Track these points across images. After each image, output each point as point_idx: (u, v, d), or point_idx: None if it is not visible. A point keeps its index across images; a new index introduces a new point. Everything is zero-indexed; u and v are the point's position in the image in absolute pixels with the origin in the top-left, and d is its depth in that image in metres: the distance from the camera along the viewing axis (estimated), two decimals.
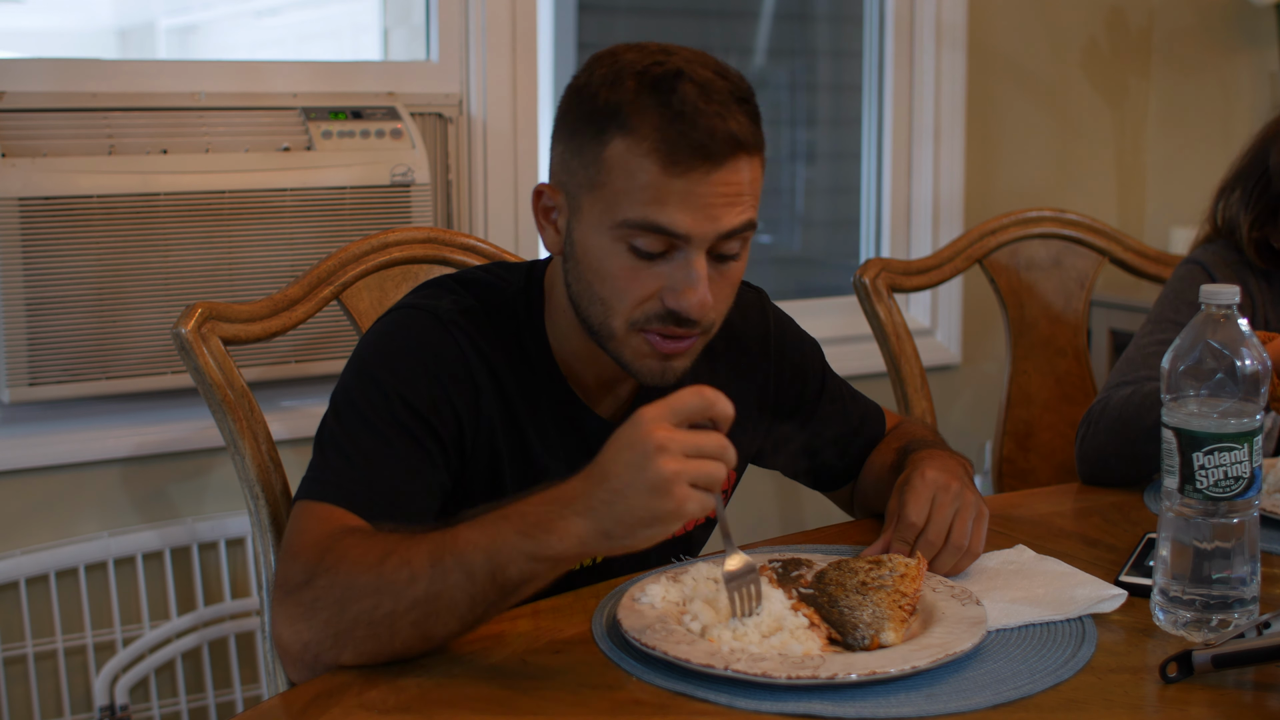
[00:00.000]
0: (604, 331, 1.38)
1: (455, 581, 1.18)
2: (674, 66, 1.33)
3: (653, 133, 1.30)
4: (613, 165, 1.32)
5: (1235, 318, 1.29)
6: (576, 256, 1.38)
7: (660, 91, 1.31)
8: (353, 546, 1.24)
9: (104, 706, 2.38)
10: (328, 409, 1.40)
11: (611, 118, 1.32)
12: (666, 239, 1.32)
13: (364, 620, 1.20)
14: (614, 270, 1.35)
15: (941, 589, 1.34)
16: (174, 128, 2.36)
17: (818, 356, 1.68)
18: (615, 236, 1.34)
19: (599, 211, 1.34)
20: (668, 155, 1.30)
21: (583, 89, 1.36)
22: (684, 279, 1.33)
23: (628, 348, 1.38)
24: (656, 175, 1.30)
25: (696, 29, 3.38)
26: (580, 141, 1.35)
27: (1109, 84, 3.50)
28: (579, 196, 1.36)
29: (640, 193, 1.31)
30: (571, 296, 1.40)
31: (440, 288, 1.47)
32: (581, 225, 1.36)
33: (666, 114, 1.30)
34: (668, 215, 1.31)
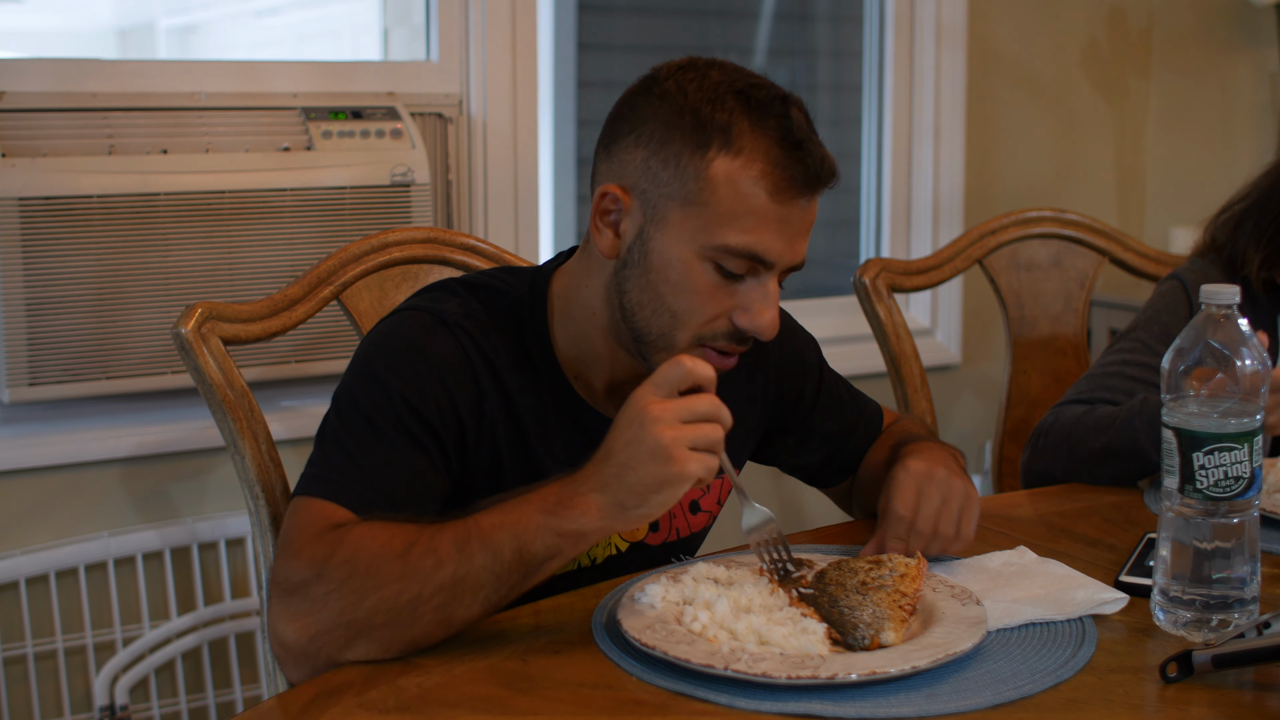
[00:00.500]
0: (662, 342, 1.38)
1: (481, 563, 1.21)
2: (777, 91, 1.36)
3: (764, 155, 1.32)
4: (717, 184, 1.33)
5: (1235, 318, 1.30)
6: (648, 265, 1.37)
7: (772, 116, 1.34)
8: (368, 536, 1.24)
9: (104, 706, 2.38)
10: (330, 407, 1.40)
11: (718, 134, 1.33)
12: (753, 263, 1.35)
13: (384, 608, 1.21)
14: (696, 286, 1.35)
15: (941, 589, 1.34)
16: (174, 128, 2.36)
17: (816, 354, 1.69)
18: (706, 255, 1.34)
19: (694, 228, 1.34)
20: (781, 180, 1.32)
21: (673, 97, 1.35)
22: (760, 300, 1.36)
23: None
24: (765, 201, 1.32)
25: (696, 29, 3.38)
26: (674, 151, 1.34)
27: (1109, 84, 3.50)
28: (665, 207, 1.35)
29: (746, 218, 1.33)
30: (626, 303, 1.39)
31: (445, 290, 1.47)
32: (665, 236, 1.35)
33: (784, 141, 1.33)
34: (765, 243, 1.33)
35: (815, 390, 1.67)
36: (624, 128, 1.38)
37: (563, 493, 1.23)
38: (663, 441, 1.19)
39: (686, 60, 1.39)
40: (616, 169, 1.38)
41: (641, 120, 1.37)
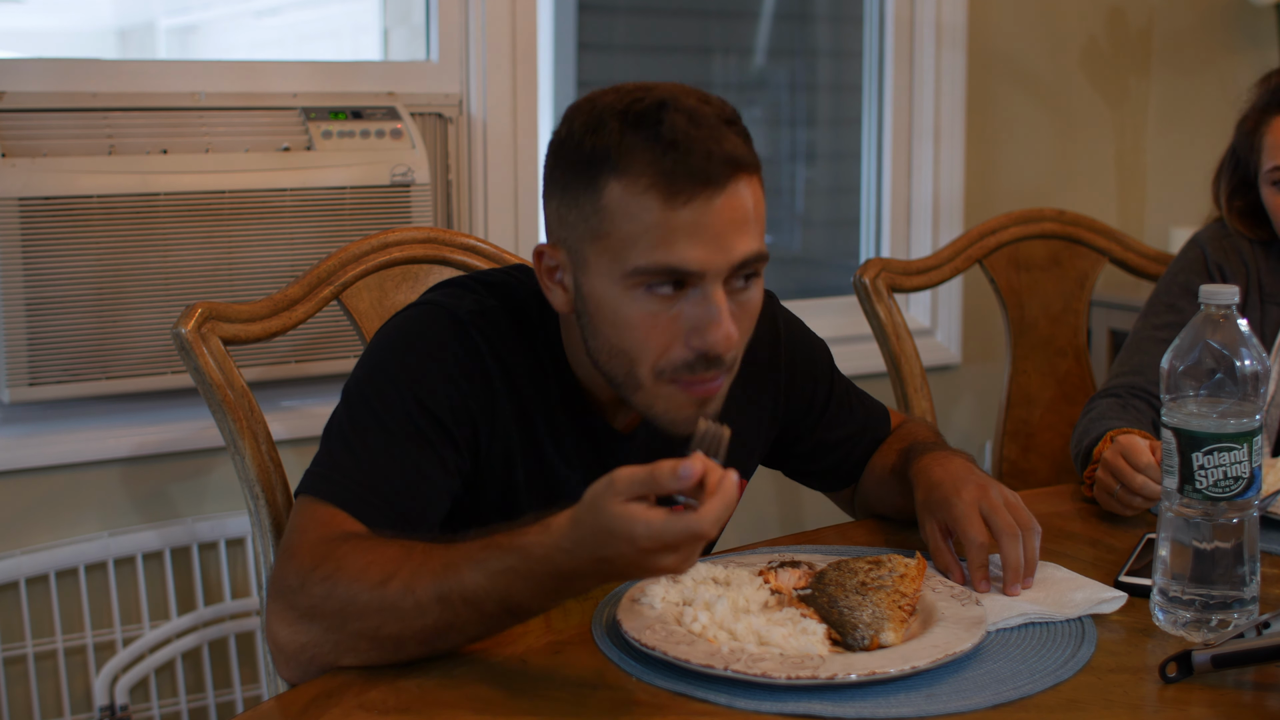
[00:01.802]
0: (630, 384, 1.34)
1: (466, 616, 1.19)
2: (656, 99, 1.29)
3: (648, 168, 1.26)
4: (613, 211, 1.28)
5: (1235, 318, 1.30)
6: (589, 311, 1.33)
7: (647, 125, 1.27)
8: (349, 558, 1.23)
9: (104, 706, 2.38)
10: (339, 402, 1.39)
11: (602, 162, 1.28)
12: (681, 279, 1.28)
13: (367, 636, 1.21)
14: (632, 319, 1.30)
15: (941, 589, 1.34)
16: (174, 128, 2.36)
17: (826, 359, 1.68)
18: (628, 285, 1.29)
19: (606, 262, 1.30)
20: (667, 187, 1.26)
21: (565, 141, 1.33)
22: (705, 315, 1.29)
23: (659, 400, 1.33)
24: (659, 212, 1.26)
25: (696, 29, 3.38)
26: (574, 194, 1.31)
27: (1109, 84, 3.50)
28: (582, 250, 1.32)
29: (646, 235, 1.27)
30: (590, 353, 1.36)
31: (461, 287, 1.45)
32: (590, 279, 1.32)
33: (658, 146, 1.26)
34: (678, 253, 1.27)
35: (826, 397, 1.66)
36: (545, 185, 1.37)
37: (554, 579, 1.16)
38: (666, 566, 1.14)
39: (587, 95, 1.35)
40: (548, 226, 1.37)
41: (549, 172, 1.35)
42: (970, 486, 1.43)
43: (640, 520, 1.10)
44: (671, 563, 1.13)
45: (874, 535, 1.60)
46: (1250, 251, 2.00)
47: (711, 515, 1.11)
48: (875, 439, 1.70)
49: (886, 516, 1.64)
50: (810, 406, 1.65)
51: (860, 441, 1.69)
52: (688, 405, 1.33)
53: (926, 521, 1.46)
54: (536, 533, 1.17)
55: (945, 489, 1.44)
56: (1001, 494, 1.43)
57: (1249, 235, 2.00)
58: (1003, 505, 1.41)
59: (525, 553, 1.16)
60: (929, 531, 1.45)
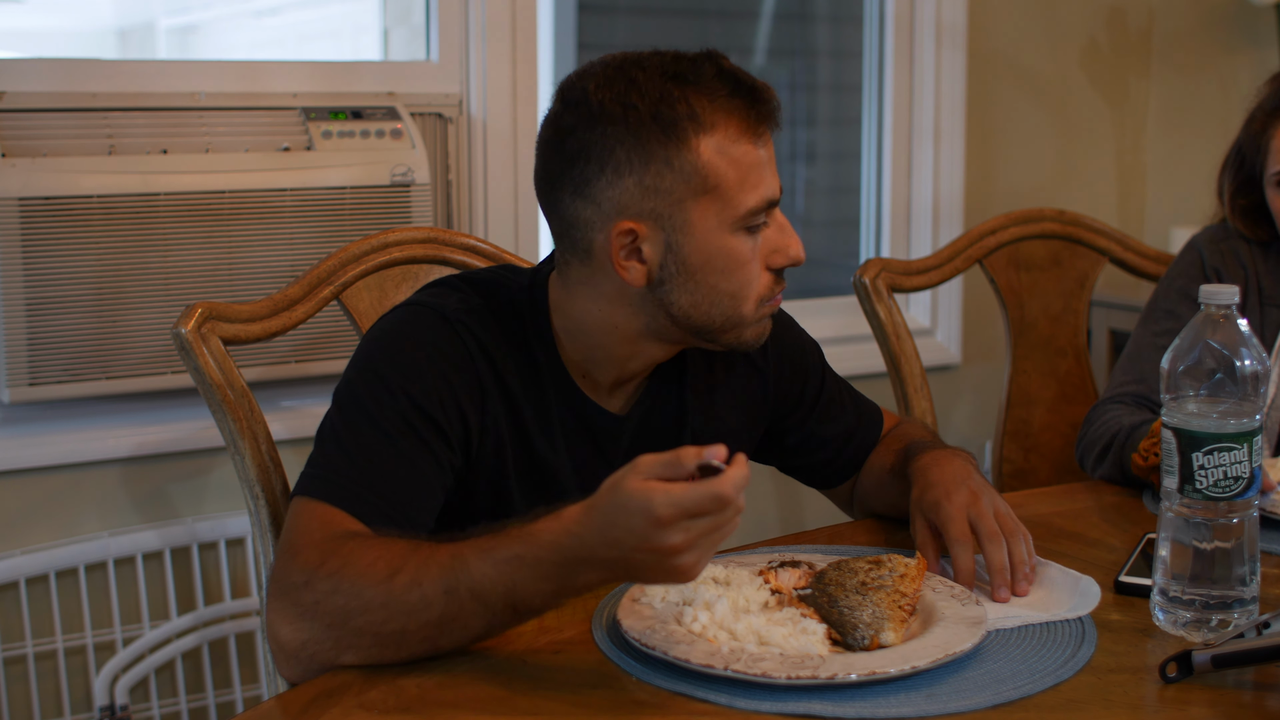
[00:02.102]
0: (729, 323, 1.42)
1: (472, 610, 1.19)
2: (695, 56, 1.39)
3: (730, 117, 1.36)
4: (715, 164, 1.36)
5: (1235, 318, 1.30)
6: (690, 268, 1.39)
7: (711, 79, 1.37)
8: (355, 555, 1.23)
9: (104, 706, 2.38)
10: (331, 404, 1.40)
11: (688, 123, 1.35)
12: (769, 209, 1.40)
13: (371, 631, 1.21)
14: (742, 259, 1.40)
15: (941, 589, 1.34)
16: (174, 128, 2.36)
17: (818, 357, 1.69)
18: (739, 228, 1.39)
19: (715, 213, 1.37)
20: (754, 129, 1.38)
21: (621, 117, 1.35)
22: (782, 235, 1.42)
23: (752, 325, 1.44)
24: (753, 152, 1.38)
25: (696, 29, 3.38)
26: (661, 162, 1.35)
27: (1109, 84, 3.50)
28: (682, 212, 1.37)
29: (750, 175, 1.37)
30: (677, 313, 1.41)
31: (447, 287, 1.47)
32: (694, 237, 1.38)
33: (737, 94, 1.37)
34: (769, 185, 1.39)
35: (815, 393, 1.67)
36: (589, 169, 1.37)
37: (562, 566, 1.17)
38: (683, 567, 1.15)
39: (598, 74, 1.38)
40: (610, 207, 1.37)
41: (606, 151, 1.36)
42: (963, 492, 1.44)
43: (658, 489, 1.12)
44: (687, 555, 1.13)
45: (874, 535, 1.60)
46: (1249, 254, 1.99)
47: (732, 477, 1.12)
48: (867, 437, 1.70)
49: (886, 516, 1.64)
50: (800, 400, 1.65)
51: (853, 439, 1.69)
52: (768, 321, 1.47)
53: (916, 518, 1.47)
54: (547, 521, 1.18)
55: (938, 491, 1.45)
56: (993, 502, 1.43)
57: (1250, 235, 2.00)
58: (990, 513, 1.41)
59: (533, 539, 1.18)
60: (917, 527, 1.46)
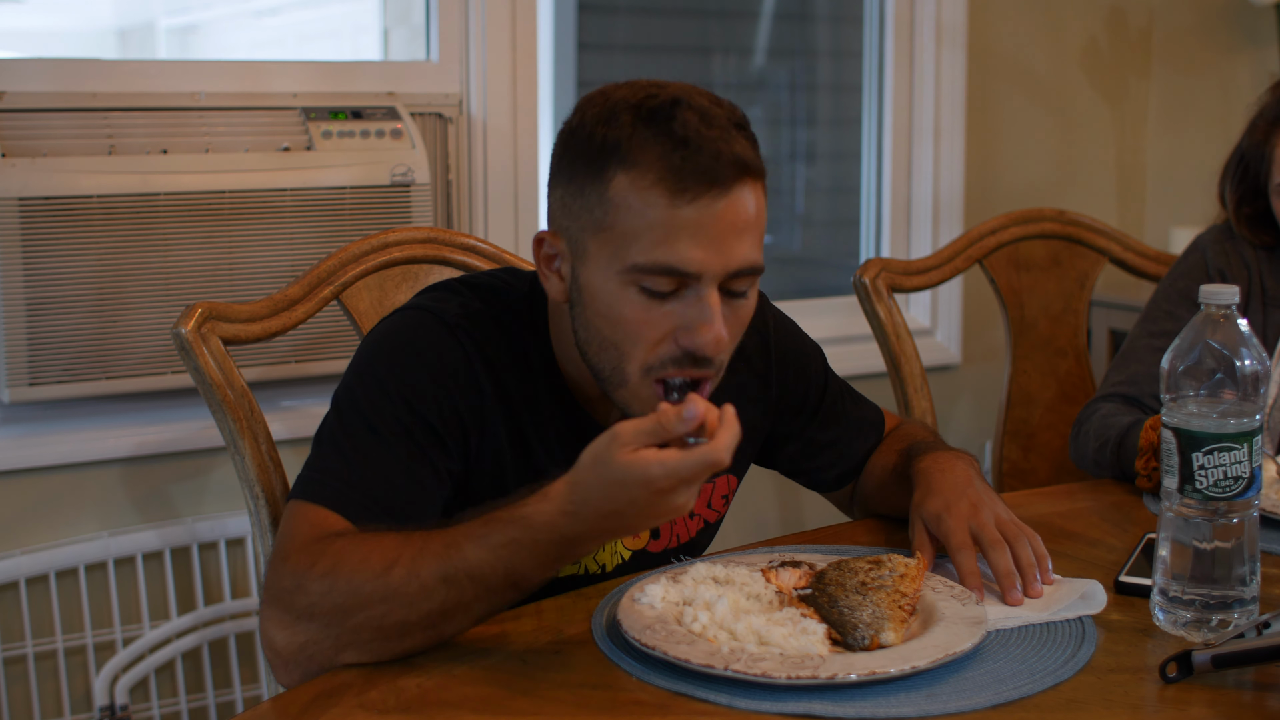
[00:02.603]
0: (615, 379, 1.35)
1: (473, 594, 1.20)
2: (670, 96, 1.30)
3: (657, 162, 1.27)
4: (618, 203, 1.29)
5: (1235, 318, 1.30)
6: (584, 302, 1.34)
7: (660, 121, 1.29)
8: (347, 551, 1.23)
9: (104, 706, 2.38)
10: (329, 408, 1.40)
11: (612, 154, 1.29)
12: (678, 279, 1.29)
13: (371, 626, 1.20)
14: (626, 314, 1.31)
15: (941, 589, 1.34)
16: (174, 128, 2.36)
17: (819, 360, 1.68)
18: (625, 280, 1.30)
19: (608, 255, 1.31)
20: (674, 184, 1.27)
21: (576, 130, 1.33)
22: (698, 316, 1.29)
23: (639, 397, 1.34)
24: (664, 209, 1.27)
25: (696, 29, 3.38)
26: (581, 183, 1.32)
27: (1109, 84, 3.50)
28: (584, 240, 1.33)
29: (650, 231, 1.28)
30: (579, 344, 1.37)
31: (447, 290, 1.46)
32: (588, 269, 1.33)
33: (669, 142, 1.27)
34: (678, 253, 1.27)
35: (818, 398, 1.66)
36: (551, 172, 1.37)
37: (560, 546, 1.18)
38: (677, 505, 1.15)
39: (600, 88, 1.36)
40: (551, 213, 1.38)
41: (556, 160, 1.36)
42: (963, 503, 1.43)
43: (654, 462, 1.12)
44: (684, 500, 1.15)
45: (874, 535, 1.60)
46: (1253, 255, 1.99)
47: (724, 443, 1.13)
48: (871, 440, 1.70)
49: (886, 516, 1.64)
50: (802, 405, 1.65)
51: (855, 442, 1.69)
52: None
53: (916, 522, 1.47)
54: (536, 501, 1.18)
55: (938, 503, 1.44)
56: (994, 511, 1.43)
57: (1256, 241, 2.00)
58: (991, 522, 1.41)
59: (527, 523, 1.18)
60: (916, 530, 1.46)
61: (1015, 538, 1.39)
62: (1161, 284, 2.05)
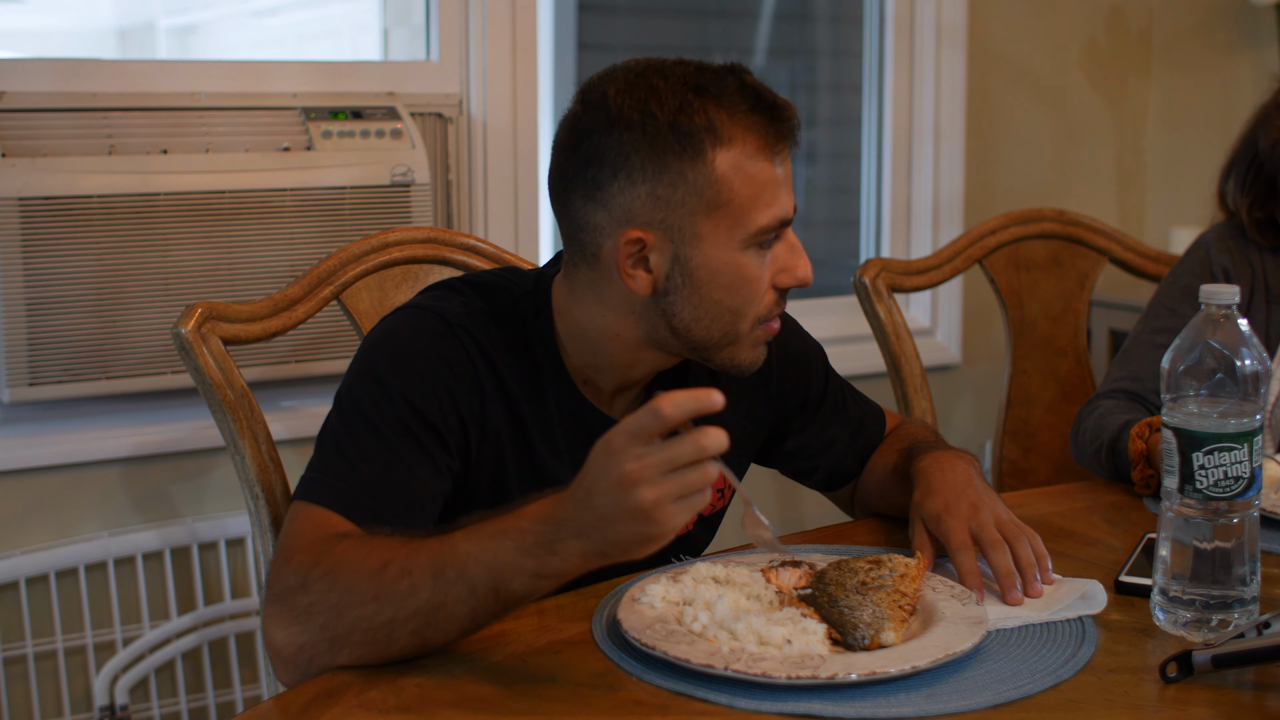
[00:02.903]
0: (725, 340, 1.41)
1: (457, 594, 1.19)
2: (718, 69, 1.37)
3: (750, 133, 1.35)
4: (729, 179, 1.35)
5: (1235, 318, 1.29)
6: (696, 282, 1.37)
7: (732, 93, 1.35)
8: (349, 552, 1.23)
9: (104, 706, 2.38)
10: (331, 408, 1.39)
11: (706, 135, 1.34)
12: (779, 227, 1.39)
13: (362, 626, 1.20)
14: (750, 276, 1.38)
15: (941, 589, 1.34)
16: (174, 128, 2.36)
17: (821, 359, 1.68)
18: (749, 244, 1.37)
19: (726, 228, 1.36)
20: (773, 146, 1.36)
21: (639, 124, 1.34)
22: (791, 255, 1.41)
23: (746, 345, 1.42)
24: (768, 170, 1.36)
25: (696, 29, 3.38)
26: (676, 173, 1.34)
27: (1109, 84, 3.50)
28: (693, 224, 1.35)
29: (764, 193, 1.36)
30: (678, 324, 1.39)
31: (449, 289, 1.46)
32: (702, 250, 1.36)
33: (755, 109, 1.36)
34: (782, 204, 1.38)
35: (819, 396, 1.67)
36: (604, 173, 1.36)
37: (542, 535, 1.17)
38: (644, 505, 1.12)
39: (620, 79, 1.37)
40: (621, 214, 1.36)
41: (622, 158, 1.35)
42: (963, 504, 1.43)
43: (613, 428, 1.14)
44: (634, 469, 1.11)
45: (874, 535, 1.60)
46: (1258, 253, 1.98)
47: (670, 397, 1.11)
48: (870, 440, 1.70)
49: (886, 516, 1.64)
50: (803, 404, 1.65)
51: (855, 442, 1.69)
52: (763, 345, 1.45)
53: (915, 522, 1.47)
54: (535, 501, 1.20)
55: (938, 503, 1.44)
56: (994, 512, 1.43)
57: (1267, 244, 1.97)
58: (991, 523, 1.41)
59: (518, 515, 1.19)
60: (916, 530, 1.46)
61: (1015, 538, 1.40)
62: (1165, 281, 2.05)
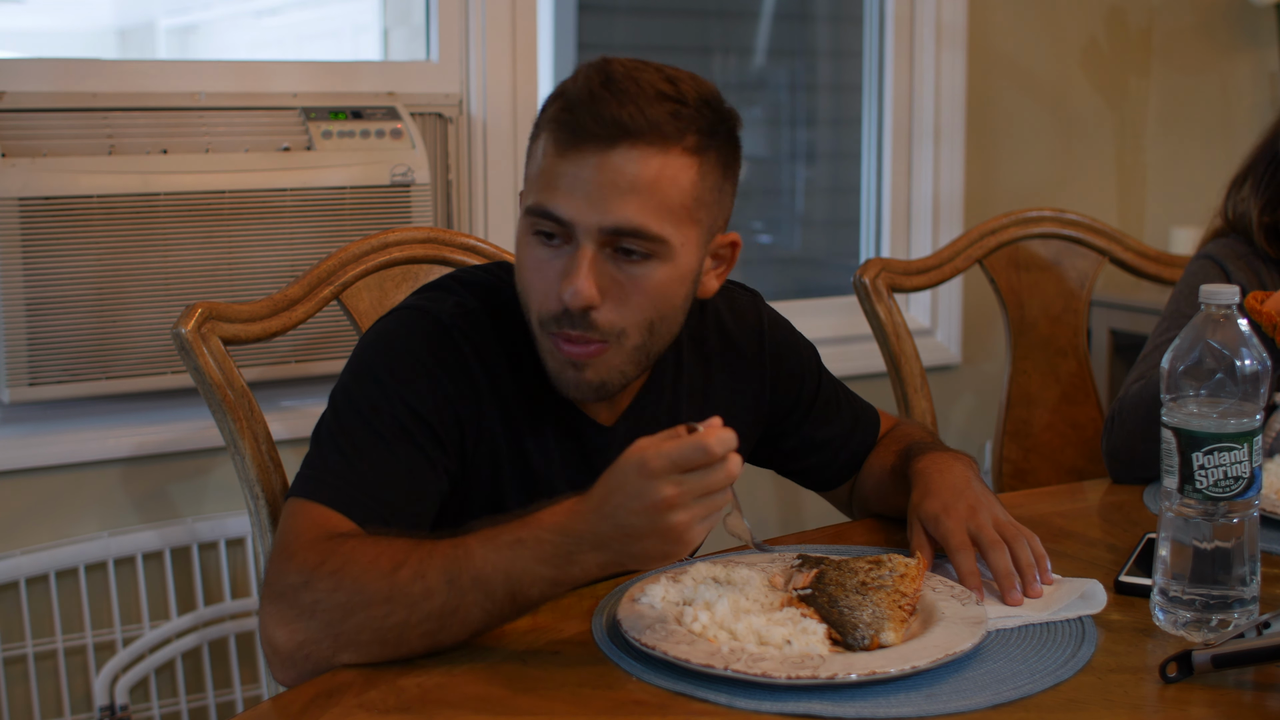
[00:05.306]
0: (532, 332, 1.41)
1: (474, 599, 1.20)
2: (602, 60, 1.37)
3: (552, 119, 1.36)
4: (532, 155, 1.39)
5: (1235, 318, 1.30)
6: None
7: (567, 81, 1.37)
8: (359, 551, 1.23)
9: (104, 706, 2.38)
10: (326, 407, 1.40)
11: (542, 114, 1.39)
12: (557, 225, 1.35)
13: (371, 626, 1.20)
14: (525, 261, 1.39)
15: (941, 589, 1.34)
16: (174, 128, 2.36)
17: (814, 359, 1.68)
18: (526, 226, 1.39)
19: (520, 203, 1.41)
20: (558, 136, 1.34)
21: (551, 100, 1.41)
22: (568, 267, 1.35)
23: (543, 350, 1.39)
24: (550, 158, 1.35)
25: (696, 29, 3.38)
26: (534, 142, 1.41)
27: (1109, 84, 3.50)
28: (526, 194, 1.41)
29: (540, 177, 1.36)
30: None
31: (443, 290, 1.47)
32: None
33: (563, 99, 1.36)
34: (554, 199, 1.34)
35: (812, 396, 1.67)
36: None
37: (561, 546, 1.19)
38: (677, 527, 1.15)
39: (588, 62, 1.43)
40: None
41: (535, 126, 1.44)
42: (961, 505, 1.43)
43: (649, 445, 1.15)
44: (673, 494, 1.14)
45: (874, 535, 1.60)
46: (1267, 273, 1.94)
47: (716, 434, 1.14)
48: (864, 440, 1.70)
49: (886, 516, 1.64)
50: (796, 403, 1.65)
51: (848, 442, 1.69)
52: (564, 364, 1.38)
53: (914, 523, 1.47)
54: (549, 508, 1.21)
55: (936, 504, 1.44)
56: (992, 513, 1.43)
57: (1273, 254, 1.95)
58: (990, 524, 1.41)
59: (535, 523, 1.20)
60: (914, 531, 1.46)
61: (1014, 538, 1.39)
62: (1178, 288, 2.00)
